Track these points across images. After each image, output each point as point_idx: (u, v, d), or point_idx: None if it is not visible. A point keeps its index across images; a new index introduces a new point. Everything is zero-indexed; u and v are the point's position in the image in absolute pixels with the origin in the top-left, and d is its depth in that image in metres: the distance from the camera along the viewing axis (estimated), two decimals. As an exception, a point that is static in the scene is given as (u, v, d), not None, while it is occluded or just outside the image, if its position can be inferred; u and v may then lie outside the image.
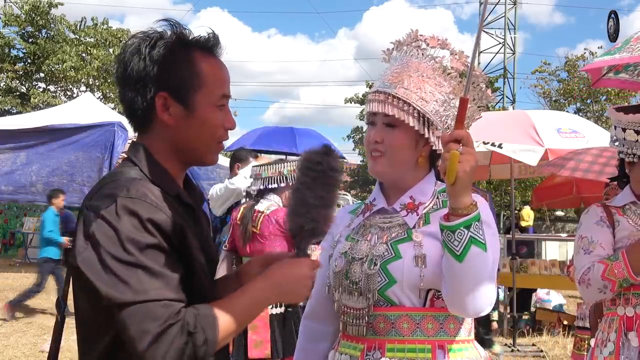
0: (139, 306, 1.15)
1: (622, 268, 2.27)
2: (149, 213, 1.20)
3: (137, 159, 1.34)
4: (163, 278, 1.18)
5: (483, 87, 1.65)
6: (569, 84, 21.45)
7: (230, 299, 1.27)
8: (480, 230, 1.37)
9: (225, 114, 1.38)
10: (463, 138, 1.34)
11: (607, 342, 2.42)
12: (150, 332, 1.13)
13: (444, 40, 1.67)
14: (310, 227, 1.34)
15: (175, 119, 1.33)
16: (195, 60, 1.34)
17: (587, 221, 2.48)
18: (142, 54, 1.31)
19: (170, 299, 1.17)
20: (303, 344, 1.81)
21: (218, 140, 1.39)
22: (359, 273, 1.57)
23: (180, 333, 1.15)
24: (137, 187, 1.24)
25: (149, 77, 1.31)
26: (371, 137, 1.62)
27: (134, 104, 1.34)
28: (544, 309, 8.36)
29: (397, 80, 1.60)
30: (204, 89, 1.33)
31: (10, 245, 17.31)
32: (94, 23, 20.66)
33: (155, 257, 1.19)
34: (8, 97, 19.56)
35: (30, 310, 8.18)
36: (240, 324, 1.26)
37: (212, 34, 1.39)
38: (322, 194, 1.35)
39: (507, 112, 11.14)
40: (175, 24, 1.36)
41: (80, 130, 9.87)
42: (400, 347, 1.52)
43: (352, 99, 29.11)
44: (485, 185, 16.36)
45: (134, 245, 1.17)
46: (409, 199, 1.62)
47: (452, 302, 1.46)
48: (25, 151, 10.04)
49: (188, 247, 1.27)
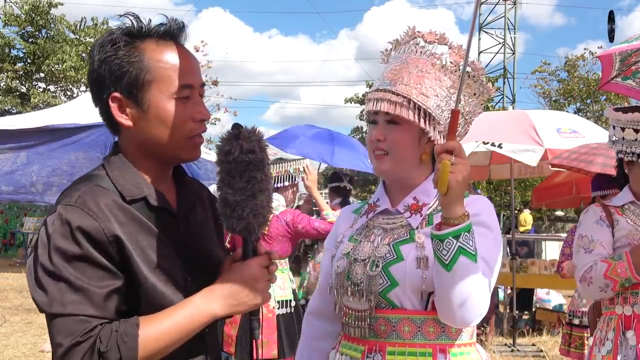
0: (58, 319, 1.14)
1: (625, 268, 2.28)
2: (80, 221, 1.16)
3: (108, 163, 1.30)
4: (84, 292, 1.15)
5: (484, 80, 1.65)
6: (569, 84, 21.44)
7: (164, 315, 1.21)
8: (470, 240, 1.36)
9: (192, 105, 1.29)
10: (455, 149, 1.34)
11: (605, 340, 2.43)
12: (62, 345, 1.13)
13: (442, 34, 1.65)
14: (241, 226, 1.24)
15: (134, 119, 1.27)
16: (143, 55, 1.26)
17: (586, 220, 2.49)
18: (92, 57, 1.27)
19: (88, 315, 1.14)
20: (306, 341, 1.80)
21: (188, 134, 1.29)
22: (361, 274, 1.56)
23: (91, 351, 1.12)
24: (80, 194, 1.20)
25: (100, 79, 1.26)
26: (373, 135, 1.60)
27: (99, 110, 1.31)
28: (544, 309, 8.36)
29: (397, 77, 1.59)
30: (158, 82, 1.26)
31: (10, 245, 17.32)
32: (94, 23, 20.66)
33: (81, 269, 1.15)
34: (8, 97, 19.56)
35: (31, 310, 8.18)
36: (172, 340, 1.20)
37: (173, 21, 1.31)
38: (242, 185, 1.22)
39: (507, 112, 11.13)
40: (134, 18, 1.29)
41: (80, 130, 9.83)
42: (401, 351, 1.51)
43: (352, 99, 29.08)
44: (485, 185, 16.36)
45: (60, 255, 1.15)
46: (413, 200, 1.61)
47: (441, 311, 1.46)
48: (25, 151, 10.01)
49: (128, 257, 1.20)
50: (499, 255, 1.53)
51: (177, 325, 1.20)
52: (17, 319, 7.66)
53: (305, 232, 3.88)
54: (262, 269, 1.29)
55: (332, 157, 6.17)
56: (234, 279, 1.27)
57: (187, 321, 1.21)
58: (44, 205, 15.78)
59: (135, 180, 1.29)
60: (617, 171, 2.64)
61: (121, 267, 1.21)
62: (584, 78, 21.08)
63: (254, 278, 1.27)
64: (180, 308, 1.22)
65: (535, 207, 13.59)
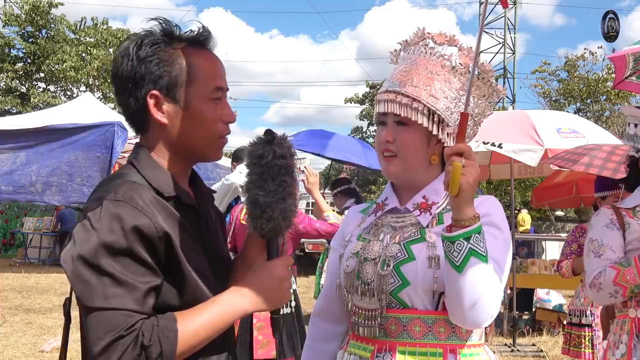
0: (99, 312, 1.14)
1: (634, 274, 2.23)
2: (131, 217, 1.18)
3: (137, 161, 1.33)
4: (127, 286, 1.16)
5: (493, 82, 1.64)
6: (569, 84, 21.46)
7: (198, 311, 1.24)
8: (481, 242, 1.36)
9: (222, 107, 1.35)
10: (465, 151, 1.34)
11: (619, 344, 2.40)
12: (103, 339, 1.13)
13: (452, 36, 1.64)
14: (270, 227, 1.30)
15: (170, 117, 1.31)
16: (184, 56, 1.32)
17: (597, 224, 2.43)
18: (130, 55, 1.30)
19: (130, 309, 1.15)
20: (312, 343, 1.79)
21: (218, 135, 1.36)
22: (371, 274, 1.55)
23: (134, 345, 1.13)
24: (125, 190, 1.22)
25: (138, 77, 1.30)
26: (382, 137, 1.59)
27: (128, 106, 1.33)
28: (544, 309, 8.36)
29: (406, 78, 1.58)
30: (195, 83, 1.32)
31: (10, 246, 17.32)
32: (94, 23, 20.68)
33: (126, 264, 1.17)
34: (8, 97, 19.57)
35: (31, 310, 8.18)
36: (206, 336, 1.23)
37: (202, 28, 1.37)
38: (274, 188, 1.28)
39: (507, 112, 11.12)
40: (164, 21, 1.34)
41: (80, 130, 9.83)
42: (412, 350, 1.51)
43: (352, 99, 29.10)
44: (485, 185, 16.36)
45: (106, 249, 1.16)
46: (422, 198, 1.60)
47: (452, 312, 1.45)
48: (25, 151, 10.02)
49: (175, 254, 1.24)
50: (509, 256, 1.52)
51: (211, 321, 1.23)
52: (17, 319, 7.66)
53: (306, 232, 3.88)
54: (287, 269, 1.34)
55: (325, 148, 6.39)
56: (263, 278, 1.31)
57: (220, 318, 1.25)
58: (43, 205, 15.81)
59: (166, 178, 1.32)
60: (628, 171, 2.56)
61: (166, 264, 1.23)
62: (584, 78, 21.10)
63: (281, 277, 1.32)
64: (212, 304, 1.26)
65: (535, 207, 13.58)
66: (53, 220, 14.93)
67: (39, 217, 16.04)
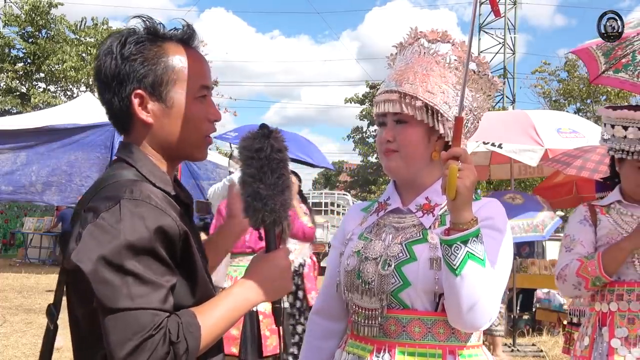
0: (124, 313, 1.11)
1: (595, 267, 2.34)
2: (154, 216, 1.17)
3: (133, 159, 1.29)
4: (152, 286, 1.14)
5: (489, 74, 1.64)
6: (569, 84, 21.46)
7: (211, 306, 1.24)
8: (478, 245, 1.37)
9: (207, 106, 1.34)
10: (461, 155, 1.35)
11: (585, 336, 2.51)
12: (131, 340, 1.10)
13: (444, 32, 1.65)
14: (271, 218, 1.31)
15: (155, 116, 1.30)
16: (168, 54, 1.30)
17: (572, 220, 2.56)
18: (114, 53, 1.28)
19: (156, 308, 1.14)
20: (311, 341, 1.79)
21: (204, 133, 1.35)
22: (372, 273, 1.55)
23: (163, 342, 1.12)
24: (140, 189, 1.20)
25: (123, 76, 1.27)
26: (383, 136, 1.60)
27: (112, 106, 1.30)
28: (544, 309, 8.36)
29: (402, 77, 1.59)
30: (180, 82, 1.30)
31: (10, 246, 17.31)
32: (94, 23, 20.66)
33: (149, 264, 1.15)
34: (8, 97, 19.57)
35: (31, 310, 8.19)
36: (223, 329, 1.24)
37: (187, 26, 1.36)
38: (274, 181, 1.30)
39: (507, 112, 11.12)
40: (147, 19, 1.33)
41: (80, 130, 9.87)
42: (411, 351, 1.51)
43: (352, 99, 29.10)
44: (485, 186, 16.35)
45: (129, 249, 1.13)
46: (425, 199, 1.60)
47: (451, 315, 1.46)
48: (25, 151, 10.06)
49: (191, 252, 1.24)
50: (509, 259, 1.52)
51: (226, 315, 1.24)
52: (17, 319, 7.66)
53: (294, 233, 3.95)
54: (288, 259, 1.36)
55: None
56: (267, 269, 1.32)
57: (232, 311, 1.25)
58: (43, 205, 15.82)
59: (164, 177, 1.32)
60: (610, 170, 2.64)
61: (180, 262, 1.23)
62: (584, 78, 21.08)
63: (284, 268, 1.34)
64: (224, 298, 1.26)
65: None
66: (53, 220, 14.92)
67: (39, 217, 16.03)
